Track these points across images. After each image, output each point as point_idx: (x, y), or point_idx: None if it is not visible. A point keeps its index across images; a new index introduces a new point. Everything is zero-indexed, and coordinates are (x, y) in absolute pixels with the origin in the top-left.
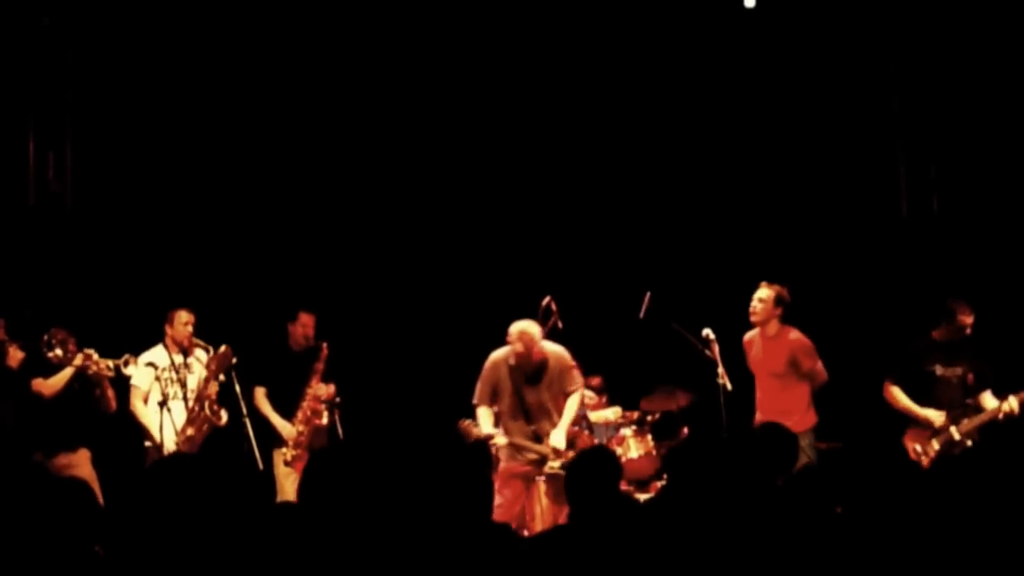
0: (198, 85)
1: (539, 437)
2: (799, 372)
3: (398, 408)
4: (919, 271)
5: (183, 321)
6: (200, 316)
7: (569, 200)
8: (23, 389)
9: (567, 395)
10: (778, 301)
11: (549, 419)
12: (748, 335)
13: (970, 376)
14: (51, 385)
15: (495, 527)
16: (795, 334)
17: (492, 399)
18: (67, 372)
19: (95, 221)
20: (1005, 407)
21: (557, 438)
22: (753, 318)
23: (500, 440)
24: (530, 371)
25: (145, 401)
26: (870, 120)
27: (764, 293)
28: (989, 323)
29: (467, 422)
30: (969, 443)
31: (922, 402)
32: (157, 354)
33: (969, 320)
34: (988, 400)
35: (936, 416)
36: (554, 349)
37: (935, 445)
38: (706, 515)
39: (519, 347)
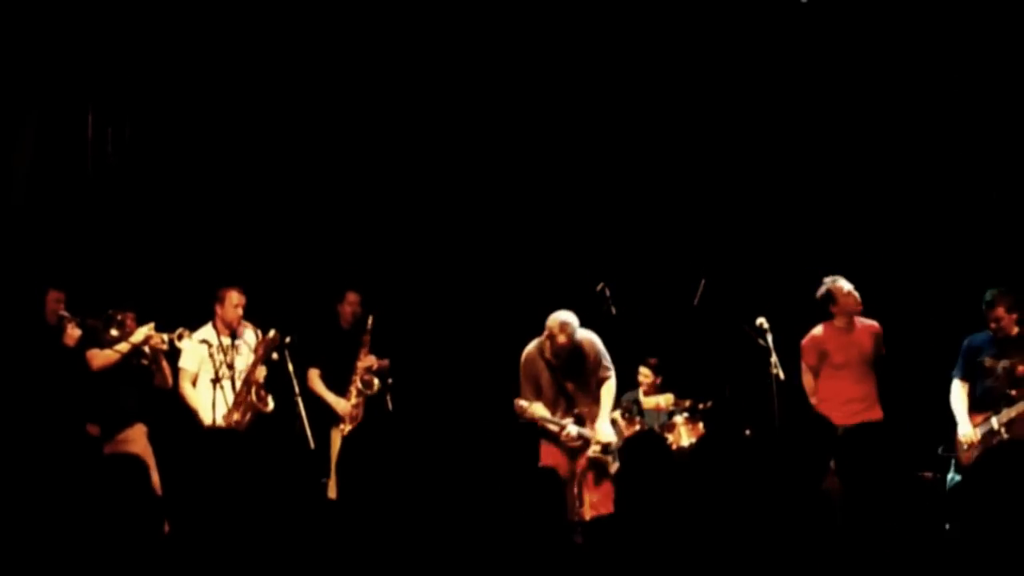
0: (252, 66)
1: (581, 420)
2: (880, 357)
3: (447, 385)
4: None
5: (234, 302)
6: (250, 298)
7: (624, 185)
8: (80, 366)
9: (600, 382)
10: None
11: (589, 403)
12: (817, 334)
13: (1020, 368)
14: (103, 356)
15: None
16: (869, 323)
17: (536, 394)
18: (121, 348)
19: (151, 198)
20: None
21: (606, 431)
22: (860, 308)
23: (572, 431)
24: (567, 359)
25: (194, 383)
26: (925, 109)
27: (852, 287)
28: None
29: (523, 402)
30: (1006, 435)
31: (971, 393)
32: (206, 333)
33: (996, 314)
34: None
35: (964, 434)
36: (587, 335)
37: (978, 434)
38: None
39: (562, 339)
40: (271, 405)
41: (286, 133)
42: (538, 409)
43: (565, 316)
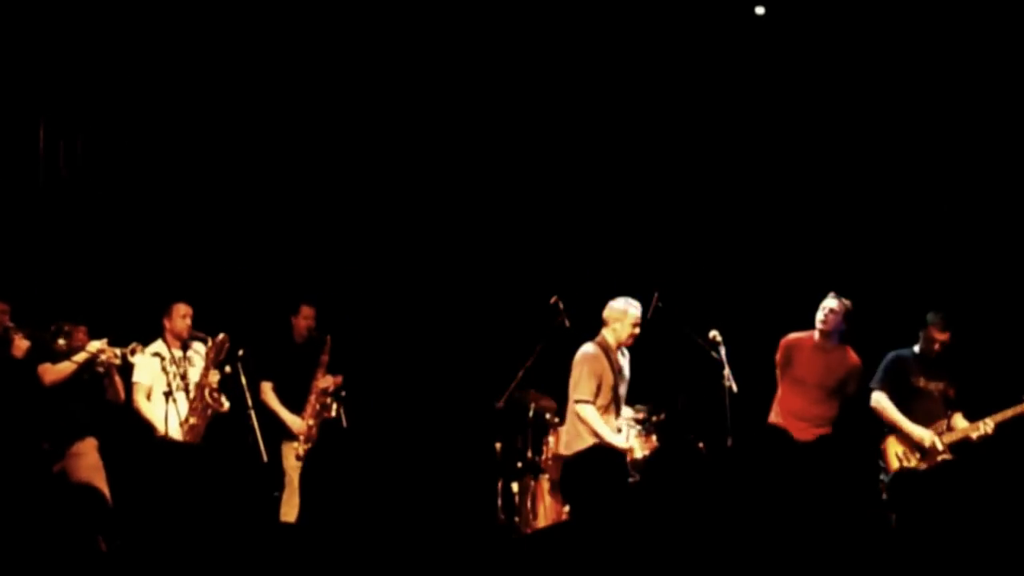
0: (204, 80)
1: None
2: (844, 391)
3: (401, 399)
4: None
5: (181, 314)
6: (203, 311)
7: (576, 198)
8: (29, 378)
9: None
10: (846, 315)
11: (621, 412)
12: (793, 338)
13: (951, 391)
14: (55, 371)
15: (496, 524)
16: (855, 356)
17: (596, 394)
18: (76, 360)
19: (103, 211)
20: (983, 428)
21: (637, 443)
22: (823, 327)
23: (639, 453)
24: (624, 361)
25: (148, 397)
26: (872, 122)
27: (835, 304)
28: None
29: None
30: (950, 456)
31: (904, 413)
32: (158, 347)
33: (940, 337)
34: (959, 419)
35: (925, 436)
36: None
37: (918, 455)
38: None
39: (636, 314)
40: (226, 405)
41: (238, 146)
42: (601, 425)
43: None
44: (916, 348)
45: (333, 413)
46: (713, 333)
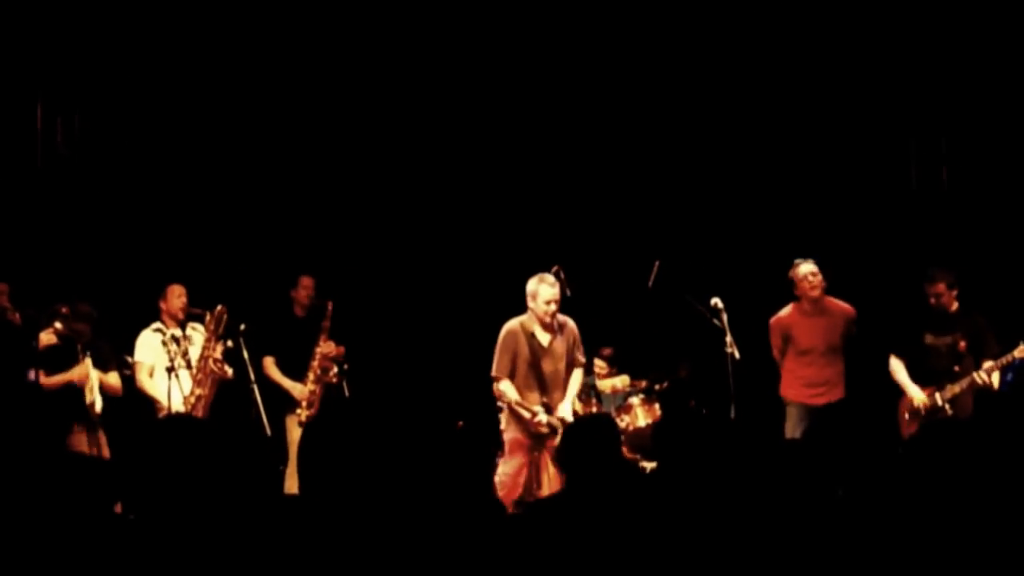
0: (200, 57)
1: (549, 409)
2: (848, 341)
3: (403, 369)
4: (928, 244)
5: (176, 294)
6: (203, 288)
7: (579, 168)
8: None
9: (571, 367)
10: (823, 275)
11: (560, 390)
12: (783, 316)
13: (962, 344)
14: (48, 382)
15: (492, 499)
16: (842, 304)
17: (511, 370)
18: (63, 377)
19: (101, 188)
20: (978, 377)
21: (566, 410)
22: (814, 293)
23: (543, 418)
24: (550, 337)
25: (151, 374)
26: (880, 93)
27: (815, 268)
28: (994, 295)
29: (499, 386)
30: (950, 411)
31: (915, 370)
32: (157, 326)
33: (936, 290)
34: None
35: (917, 396)
36: (566, 318)
37: (922, 411)
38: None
39: (549, 293)
40: (231, 372)
41: (236, 120)
42: (514, 394)
43: (549, 278)
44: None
45: (335, 378)
46: (715, 300)
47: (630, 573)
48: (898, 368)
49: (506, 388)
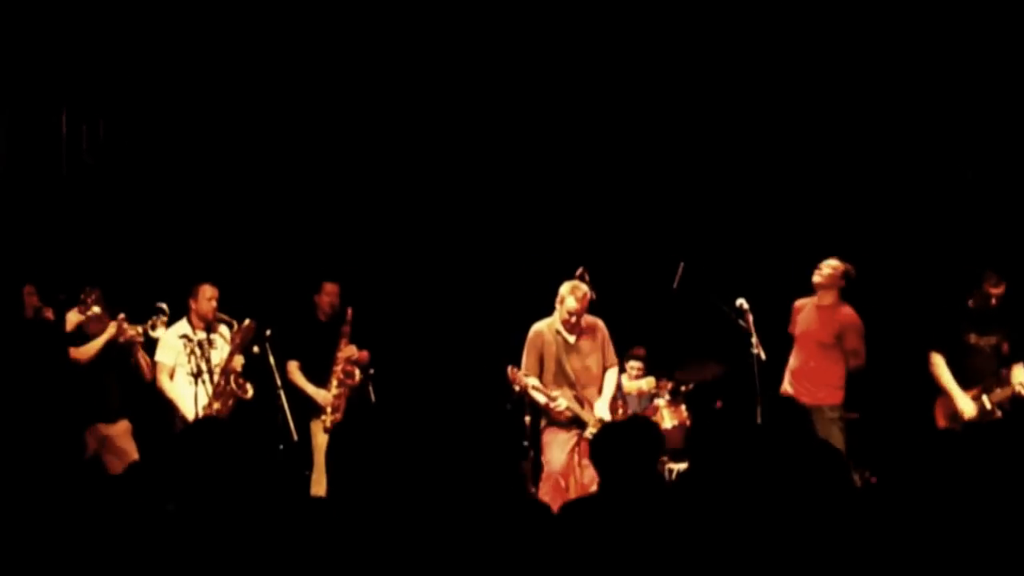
0: (225, 63)
1: (582, 403)
2: (842, 348)
3: (428, 375)
4: (957, 238)
5: (207, 296)
6: (226, 293)
7: (604, 170)
8: (64, 357)
9: (606, 369)
10: (844, 275)
11: (593, 387)
12: (800, 301)
13: (1005, 345)
14: (85, 352)
15: (526, 498)
16: (849, 310)
17: (539, 368)
18: (100, 340)
19: (126, 194)
20: (1019, 386)
21: (602, 408)
22: (815, 279)
23: (561, 403)
24: (575, 336)
25: (171, 377)
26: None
27: (833, 263)
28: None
29: (515, 369)
30: (999, 414)
31: (956, 370)
32: (182, 328)
33: (996, 291)
34: (1019, 372)
35: (967, 409)
36: (594, 319)
37: (965, 417)
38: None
39: (573, 305)
40: (251, 392)
41: (260, 127)
42: (531, 379)
43: (576, 282)
44: (969, 303)
45: (356, 380)
46: (740, 301)
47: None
48: (941, 369)
49: (530, 384)
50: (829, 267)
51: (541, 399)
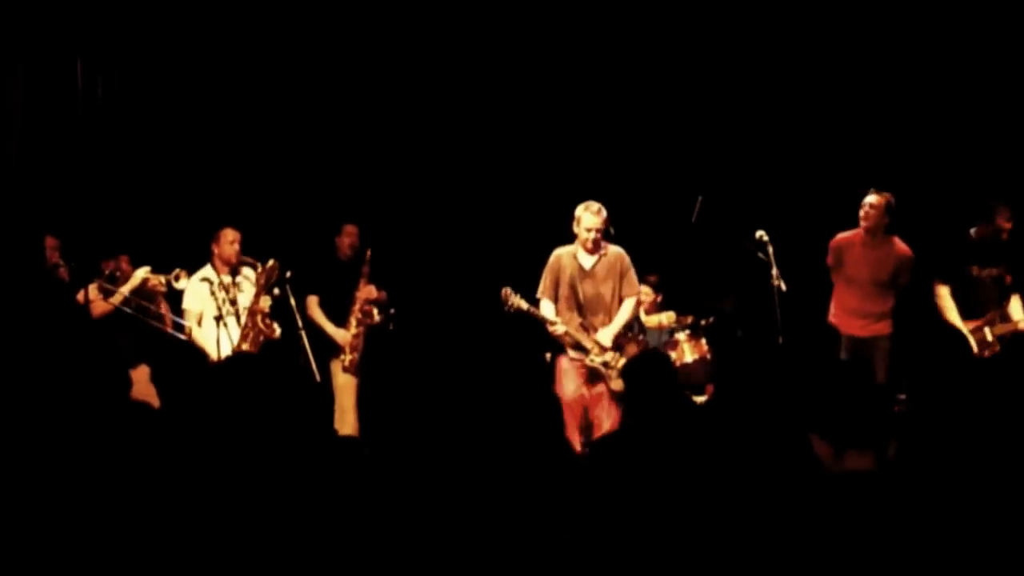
0: (241, 8)
1: (587, 329)
2: (896, 283)
3: (449, 314)
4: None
5: (229, 240)
6: (248, 237)
7: (620, 103)
8: (77, 312)
9: (623, 299)
10: (888, 209)
11: (604, 314)
12: (843, 237)
13: (1007, 277)
14: (103, 305)
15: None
16: (901, 246)
17: (555, 291)
18: (118, 295)
19: (143, 142)
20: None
21: (604, 335)
22: (865, 223)
23: (559, 328)
24: (593, 261)
25: (199, 323)
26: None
27: (875, 199)
28: None
29: (509, 290)
30: (999, 348)
31: (959, 301)
32: (206, 272)
33: (1007, 225)
34: (1015, 306)
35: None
36: (618, 248)
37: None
38: (757, 419)
39: (591, 220)
40: (278, 332)
41: (277, 69)
42: (522, 300)
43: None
44: (972, 234)
45: (375, 320)
46: (760, 233)
47: (692, 506)
48: (946, 301)
49: (542, 309)
50: (872, 207)
51: (539, 318)
